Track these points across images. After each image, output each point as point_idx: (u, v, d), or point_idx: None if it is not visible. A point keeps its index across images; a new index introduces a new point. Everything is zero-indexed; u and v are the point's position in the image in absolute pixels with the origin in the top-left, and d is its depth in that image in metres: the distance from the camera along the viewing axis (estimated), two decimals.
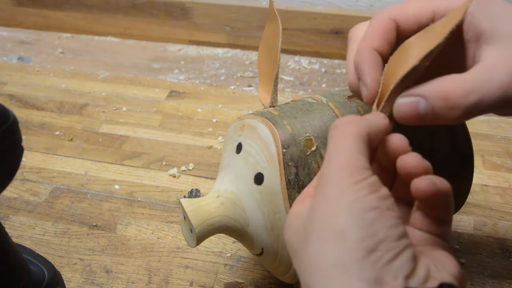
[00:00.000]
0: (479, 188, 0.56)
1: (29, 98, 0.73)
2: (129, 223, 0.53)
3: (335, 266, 0.22)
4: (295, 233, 0.26)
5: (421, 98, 0.28)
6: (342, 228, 0.22)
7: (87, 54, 0.84)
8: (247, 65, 0.80)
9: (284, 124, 0.36)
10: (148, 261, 0.49)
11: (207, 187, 0.57)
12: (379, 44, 0.29)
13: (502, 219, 0.52)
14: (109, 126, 0.67)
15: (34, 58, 0.83)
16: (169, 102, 0.72)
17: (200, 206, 0.37)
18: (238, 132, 0.39)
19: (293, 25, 0.80)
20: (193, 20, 0.83)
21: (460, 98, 0.27)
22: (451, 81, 0.28)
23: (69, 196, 0.56)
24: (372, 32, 0.29)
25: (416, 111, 0.28)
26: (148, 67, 0.80)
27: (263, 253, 0.38)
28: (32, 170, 0.60)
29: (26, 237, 0.52)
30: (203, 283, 0.47)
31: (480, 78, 0.27)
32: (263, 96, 0.41)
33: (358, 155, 0.25)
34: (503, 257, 0.48)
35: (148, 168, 0.60)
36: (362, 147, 0.25)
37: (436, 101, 0.28)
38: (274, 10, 0.40)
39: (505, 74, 0.27)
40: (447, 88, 0.27)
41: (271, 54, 0.40)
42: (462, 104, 0.27)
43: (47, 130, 0.67)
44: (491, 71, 0.28)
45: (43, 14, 0.89)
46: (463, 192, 0.42)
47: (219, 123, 0.67)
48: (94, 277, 0.47)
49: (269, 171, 0.35)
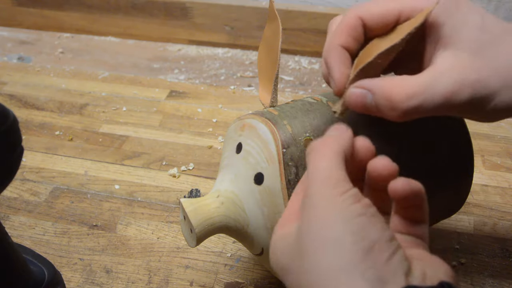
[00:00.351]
0: (479, 188, 0.56)
1: (29, 98, 0.73)
2: (129, 223, 0.53)
3: (337, 272, 0.23)
4: (283, 253, 0.27)
5: (369, 92, 0.30)
6: (336, 235, 0.23)
7: (87, 54, 0.84)
8: (247, 65, 0.80)
9: (284, 124, 0.36)
10: (148, 261, 0.49)
11: (207, 187, 0.57)
12: (345, 41, 0.31)
13: (502, 219, 0.52)
14: (109, 126, 0.67)
15: (34, 58, 0.83)
16: (169, 102, 0.72)
17: (200, 206, 0.37)
18: (238, 132, 0.39)
19: (293, 25, 0.80)
20: (193, 20, 0.83)
21: (401, 102, 0.29)
22: (397, 83, 0.29)
23: (69, 196, 0.56)
24: (339, 29, 0.31)
25: (363, 103, 0.30)
26: (148, 67, 0.80)
27: (263, 253, 0.38)
28: (32, 170, 0.60)
29: (26, 237, 0.52)
30: (203, 283, 0.47)
31: (425, 83, 0.29)
32: (263, 96, 0.41)
33: (338, 170, 0.26)
34: (503, 257, 0.48)
35: (148, 168, 0.60)
36: (340, 163, 0.26)
37: (380, 99, 0.29)
38: (274, 10, 0.40)
39: (451, 82, 0.29)
40: (391, 89, 0.29)
41: (271, 54, 0.40)
42: (402, 107, 0.29)
43: (47, 130, 0.67)
44: (438, 77, 0.29)
45: (43, 14, 0.89)
46: (463, 192, 0.42)
47: (219, 123, 0.67)
48: (94, 277, 0.47)
49: (269, 171, 0.35)
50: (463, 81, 0.29)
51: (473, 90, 0.29)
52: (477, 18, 0.30)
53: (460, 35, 0.29)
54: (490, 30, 0.30)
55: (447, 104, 0.29)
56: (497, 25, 0.30)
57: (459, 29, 0.29)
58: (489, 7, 0.75)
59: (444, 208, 0.43)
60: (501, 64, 0.29)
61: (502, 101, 0.30)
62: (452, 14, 0.30)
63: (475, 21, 0.30)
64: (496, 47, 0.29)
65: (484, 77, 0.29)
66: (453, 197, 0.42)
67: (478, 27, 0.29)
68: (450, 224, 0.52)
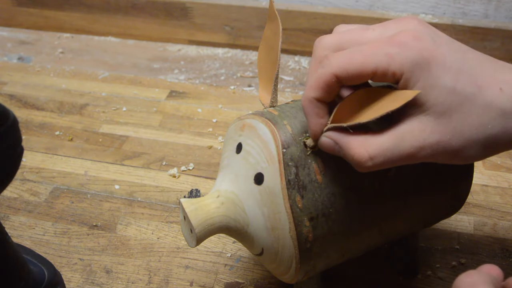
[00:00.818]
0: (479, 188, 0.56)
1: (29, 98, 0.73)
2: (129, 223, 0.53)
3: None
4: None
5: (337, 145, 0.32)
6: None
7: (87, 54, 0.84)
8: (247, 65, 0.80)
9: (284, 124, 0.36)
10: (148, 261, 0.49)
11: (207, 187, 0.57)
12: (320, 95, 0.32)
13: (502, 219, 0.52)
14: (109, 126, 0.67)
15: (34, 58, 0.83)
16: (169, 102, 0.72)
17: (200, 206, 0.37)
18: (238, 132, 0.39)
19: (293, 25, 0.80)
20: (193, 20, 0.83)
21: (363, 162, 0.31)
22: (360, 143, 0.31)
23: (69, 196, 0.56)
24: (315, 83, 0.32)
25: (333, 151, 0.33)
26: (148, 67, 0.80)
27: (263, 253, 0.38)
28: (32, 170, 0.60)
29: (26, 237, 0.52)
30: (203, 283, 0.47)
31: (386, 145, 0.31)
32: (263, 96, 0.41)
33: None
34: (503, 257, 0.48)
35: (148, 168, 0.60)
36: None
37: (346, 155, 0.32)
38: (274, 10, 0.40)
39: (409, 146, 0.31)
40: (355, 149, 0.31)
41: (271, 54, 0.40)
42: (365, 166, 0.31)
43: (47, 130, 0.67)
44: (399, 140, 0.31)
45: (43, 14, 0.89)
46: (463, 192, 0.42)
47: (219, 123, 0.67)
48: (94, 277, 0.47)
49: (269, 171, 0.35)
50: (422, 144, 0.31)
51: (432, 151, 0.31)
52: (448, 81, 0.30)
53: (427, 98, 0.30)
54: (460, 92, 0.30)
55: (409, 161, 0.31)
56: (470, 85, 0.30)
57: (427, 92, 0.30)
58: (489, 7, 0.75)
59: (444, 208, 0.43)
60: (466, 127, 0.30)
61: (468, 156, 0.31)
62: (422, 76, 0.30)
63: (446, 84, 0.30)
64: (464, 109, 0.30)
65: (446, 140, 0.30)
66: (453, 197, 0.42)
67: (448, 91, 0.30)
68: (450, 224, 0.52)
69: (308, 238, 0.35)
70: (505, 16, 0.75)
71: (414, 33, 0.31)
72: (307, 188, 0.35)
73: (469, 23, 0.74)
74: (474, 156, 0.32)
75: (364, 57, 0.31)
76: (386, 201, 0.37)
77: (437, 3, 0.77)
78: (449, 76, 0.30)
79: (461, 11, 0.77)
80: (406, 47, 0.30)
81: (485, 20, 0.76)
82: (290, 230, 0.35)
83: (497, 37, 0.73)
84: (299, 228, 0.35)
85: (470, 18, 0.77)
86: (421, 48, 0.30)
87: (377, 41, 0.31)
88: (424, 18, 0.76)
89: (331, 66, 0.31)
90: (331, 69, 0.31)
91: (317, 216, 0.35)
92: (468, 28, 0.74)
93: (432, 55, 0.30)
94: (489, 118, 0.30)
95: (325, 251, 0.37)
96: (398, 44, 0.30)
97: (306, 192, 0.35)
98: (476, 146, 0.31)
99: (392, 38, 0.31)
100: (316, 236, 0.35)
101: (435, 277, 0.47)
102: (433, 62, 0.30)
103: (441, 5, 0.77)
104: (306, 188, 0.35)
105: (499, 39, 0.73)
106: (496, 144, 0.31)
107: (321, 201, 0.35)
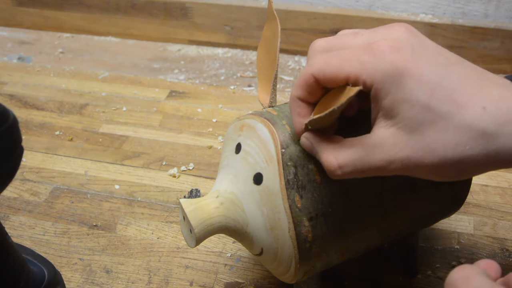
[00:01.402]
0: (479, 188, 0.56)
1: (29, 98, 0.73)
2: (129, 223, 0.53)
3: None
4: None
5: (314, 148, 0.33)
6: None
7: (87, 54, 0.84)
8: (247, 65, 0.80)
9: (283, 124, 0.36)
10: (148, 261, 0.49)
11: (207, 187, 0.57)
12: (302, 94, 0.33)
13: (502, 219, 0.52)
14: (109, 126, 0.67)
15: (34, 58, 0.83)
16: (169, 102, 0.72)
17: (199, 206, 0.37)
18: (237, 132, 0.39)
19: (293, 25, 0.80)
20: (193, 20, 0.83)
21: (334, 170, 0.31)
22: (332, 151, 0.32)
23: (69, 196, 0.57)
24: (297, 82, 0.33)
25: (311, 152, 0.34)
26: (148, 67, 0.80)
27: (263, 253, 0.38)
28: (32, 170, 0.60)
29: (26, 237, 0.52)
30: (203, 283, 0.47)
31: (356, 155, 0.31)
32: (262, 96, 0.41)
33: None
34: (503, 257, 0.48)
35: (148, 168, 0.60)
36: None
37: (319, 160, 0.33)
38: (273, 10, 0.40)
39: (379, 158, 0.30)
40: (326, 156, 0.32)
41: (270, 54, 0.40)
42: (335, 174, 0.31)
43: (47, 130, 0.67)
44: (369, 152, 0.30)
45: (43, 14, 0.89)
46: (462, 192, 0.42)
47: (219, 123, 0.67)
48: (94, 277, 0.48)
49: (268, 171, 0.35)
50: (392, 158, 0.30)
51: (402, 165, 0.30)
52: (422, 96, 0.28)
53: (399, 111, 0.29)
54: (434, 109, 0.28)
55: (380, 173, 0.31)
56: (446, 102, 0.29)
57: (398, 105, 0.29)
58: (489, 7, 0.75)
59: (444, 208, 0.43)
60: (440, 146, 0.29)
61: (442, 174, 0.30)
62: (392, 89, 0.29)
63: (418, 99, 0.28)
64: (438, 127, 0.29)
65: (418, 156, 0.29)
66: (453, 197, 0.42)
67: (420, 106, 0.29)
68: (450, 224, 0.52)
69: (308, 238, 0.35)
70: (505, 16, 0.75)
71: (393, 42, 0.30)
72: (306, 188, 0.35)
73: (469, 23, 0.74)
74: (449, 175, 0.30)
75: (340, 62, 0.31)
76: (385, 200, 0.37)
77: (437, 3, 0.77)
78: (423, 91, 0.29)
79: (461, 11, 0.77)
80: (380, 56, 0.29)
81: (485, 20, 0.76)
82: (289, 230, 0.35)
83: (497, 37, 0.73)
84: (298, 228, 0.35)
85: (470, 18, 0.77)
86: (396, 60, 0.29)
87: (357, 48, 0.31)
88: (424, 18, 0.76)
89: (311, 66, 0.32)
90: (311, 70, 0.32)
91: (316, 216, 0.35)
92: (468, 28, 0.74)
93: (406, 67, 0.29)
94: (467, 138, 0.28)
95: (325, 251, 0.37)
96: (374, 52, 0.29)
97: (305, 192, 0.35)
98: (451, 166, 0.29)
99: (370, 46, 0.30)
100: (316, 236, 0.35)
101: (435, 277, 0.47)
102: (407, 74, 0.29)
103: (441, 5, 0.77)
104: (305, 188, 0.35)
105: (499, 39, 0.73)
106: (474, 166, 0.29)
107: (320, 201, 0.35)
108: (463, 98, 0.29)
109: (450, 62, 0.30)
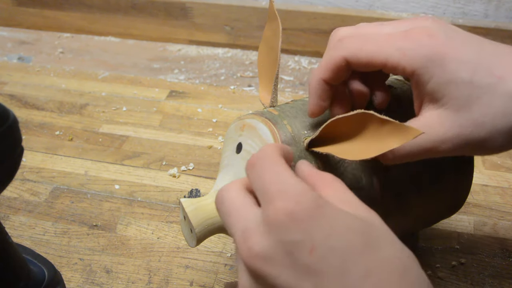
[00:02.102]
0: (479, 188, 0.56)
1: (29, 98, 0.73)
2: (129, 223, 0.53)
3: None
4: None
5: None
6: None
7: (87, 54, 0.84)
8: (247, 65, 0.80)
9: (284, 124, 0.36)
10: (148, 261, 0.49)
11: (207, 187, 0.57)
12: (328, 76, 0.33)
13: (502, 219, 0.52)
14: (109, 126, 0.67)
15: (34, 58, 0.83)
16: (169, 102, 0.72)
17: (200, 206, 0.37)
18: (238, 132, 0.39)
19: (293, 25, 0.80)
20: (193, 20, 0.83)
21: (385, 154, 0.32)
22: None
23: (69, 196, 0.56)
24: (324, 64, 0.33)
25: None
26: (148, 67, 0.80)
27: None
28: (32, 170, 0.60)
29: (26, 237, 0.52)
30: (203, 283, 0.47)
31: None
32: (263, 96, 0.41)
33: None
34: (503, 257, 0.48)
35: (148, 168, 0.60)
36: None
37: None
38: (274, 10, 0.40)
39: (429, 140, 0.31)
40: None
41: (271, 54, 0.40)
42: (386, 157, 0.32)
43: (47, 130, 0.67)
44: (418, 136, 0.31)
45: (43, 14, 0.89)
46: (463, 192, 0.42)
47: (219, 123, 0.67)
48: (94, 277, 0.47)
49: None
50: (442, 138, 0.31)
51: (453, 144, 0.31)
52: (465, 75, 0.30)
53: (444, 92, 0.30)
54: (478, 84, 0.30)
55: (431, 155, 0.32)
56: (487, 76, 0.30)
57: (444, 87, 0.30)
58: (489, 7, 0.75)
59: (444, 208, 0.43)
60: (488, 118, 0.30)
61: (494, 147, 0.31)
62: (436, 72, 0.30)
63: (462, 78, 0.30)
64: (484, 100, 0.30)
65: (467, 132, 0.30)
66: (453, 197, 0.42)
67: (465, 84, 0.30)
68: (450, 224, 0.52)
69: None
70: (505, 16, 0.75)
71: (427, 30, 0.31)
72: None
73: (469, 23, 0.74)
74: (500, 146, 0.31)
75: (376, 47, 0.31)
76: (385, 200, 0.37)
77: (437, 3, 0.77)
78: (465, 70, 0.30)
79: (461, 11, 0.77)
80: (419, 43, 0.30)
81: (485, 20, 0.76)
82: None
83: (497, 37, 0.73)
84: None
85: (470, 18, 0.77)
86: (435, 44, 0.30)
87: (391, 34, 0.32)
88: None
89: (342, 48, 0.32)
90: (342, 52, 0.32)
91: None
92: (468, 28, 0.74)
93: (446, 50, 0.30)
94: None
95: None
96: (411, 40, 0.31)
97: None
98: (502, 136, 0.30)
99: (406, 33, 0.31)
100: None
101: (435, 277, 0.47)
102: (448, 57, 0.30)
103: (441, 5, 0.77)
104: None
105: (499, 39, 0.73)
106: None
107: None
108: (501, 70, 0.30)
109: (480, 41, 0.32)
